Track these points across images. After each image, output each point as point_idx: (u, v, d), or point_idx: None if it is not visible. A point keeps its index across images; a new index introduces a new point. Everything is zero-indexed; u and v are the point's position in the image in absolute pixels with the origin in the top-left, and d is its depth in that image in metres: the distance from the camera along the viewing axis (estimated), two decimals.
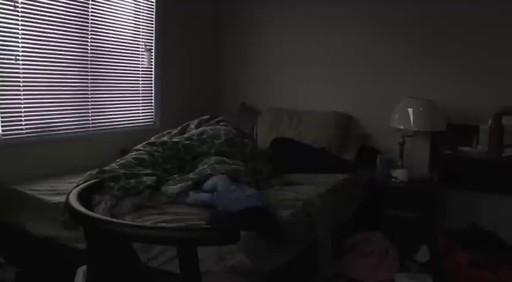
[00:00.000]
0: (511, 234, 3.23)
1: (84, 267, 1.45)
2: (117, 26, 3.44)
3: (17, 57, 2.74)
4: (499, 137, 3.05)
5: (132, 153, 2.83)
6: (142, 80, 3.75)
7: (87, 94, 3.25)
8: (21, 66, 2.77)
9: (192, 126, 3.35)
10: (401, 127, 3.42)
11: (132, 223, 1.19)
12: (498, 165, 3.18)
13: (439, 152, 3.32)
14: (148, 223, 2.20)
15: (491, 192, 3.34)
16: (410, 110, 3.37)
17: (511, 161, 2.97)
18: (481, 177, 3.32)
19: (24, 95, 2.81)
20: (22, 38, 2.75)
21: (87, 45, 3.19)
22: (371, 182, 3.43)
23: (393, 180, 3.40)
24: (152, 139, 3.08)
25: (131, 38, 3.60)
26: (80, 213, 1.15)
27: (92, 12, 3.19)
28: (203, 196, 2.46)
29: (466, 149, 3.22)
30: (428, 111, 3.34)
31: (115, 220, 1.17)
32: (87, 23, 3.17)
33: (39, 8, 2.82)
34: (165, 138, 3.07)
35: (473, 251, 3.10)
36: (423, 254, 3.06)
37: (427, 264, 3.02)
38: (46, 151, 2.98)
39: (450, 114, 3.43)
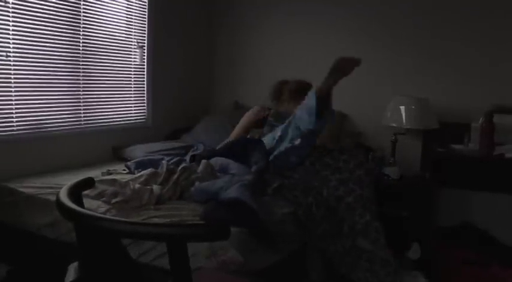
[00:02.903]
0: (502, 232, 3.26)
1: (75, 264, 1.45)
2: (109, 22, 3.42)
3: (8, 54, 2.72)
4: (490, 135, 3.06)
5: None
6: (134, 78, 3.74)
7: (79, 91, 3.23)
8: (12, 63, 2.75)
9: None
10: (394, 125, 3.43)
11: (120, 219, 1.19)
12: (489, 163, 3.19)
13: (431, 150, 3.33)
14: (141, 218, 2.21)
15: (483, 190, 3.36)
16: (402, 108, 3.38)
17: (502, 159, 2.99)
18: (473, 175, 3.34)
19: (15, 91, 2.79)
20: (13, 34, 2.73)
21: (79, 41, 3.17)
22: None
23: (385, 177, 3.40)
24: None
25: (123, 35, 3.58)
26: (68, 209, 1.15)
27: (83, 8, 3.17)
28: (204, 185, 2.50)
29: (457, 147, 3.23)
30: (420, 109, 3.36)
31: (103, 216, 1.17)
32: (79, 19, 3.15)
33: (30, 4, 2.81)
34: None
35: (465, 249, 3.13)
36: (415, 252, 3.07)
37: (418, 262, 3.04)
38: (37, 148, 2.97)
39: (442, 112, 3.44)
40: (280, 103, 3.38)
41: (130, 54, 3.67)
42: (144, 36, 3.76)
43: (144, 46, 3.77)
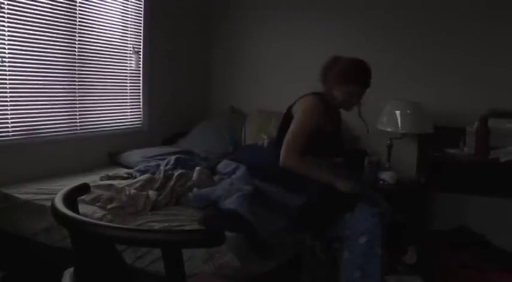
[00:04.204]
0: (498, 236, 3.27)
1: (71, 269, 1.45)
2: (105, 28, 3.42)
3: (3, 59, 2.72)
4: (485, 139, 3.07)
5: None
6: (130, 83, 3.73)
7: (75, 96, 3.23)
8: (7, 68, 2.75)
9: None
10: (389, 129, 3.43)
11: (114, 225, 1.19)
12: (484, 167, 3.20)
13: (426, 154, 3.34)
14: (137, 223, 2.21)
15: (478, 194, 3.37)
16: (397, 113, 3.38)
17: (497, 163, 2.99)
18: (468, 179, 3.34)
19: (10, 97, 2.79)
20: (8, 40, 2.73)
21: (74, 47, 3.17)
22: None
23: (381, 182, 3.40)
24: None
25: (119, 40, 3.58)
26: (63, 215, 1.14)
27: (79, 14, 3.17)
28: (203, 191, 2.49)
29: (453, 151, 3.24)
30: (415, 113, 3.36)
31: (97, 222, 1.17)
32: (75, 24, 3.15)
33: (26, 10, 2.80)
34: None
35: (461, 253, 3.13)
36: (411, 256, 3.07)
37: (414, 266, 3.04)
38: (33, 153, 2.96)
39: (437, 116, 3.45)
40: (325, 86, 2.71)
41: (126, 60, 3.66)
42: (140, 42, 3.76)
43: (140, 51, 3.77)
